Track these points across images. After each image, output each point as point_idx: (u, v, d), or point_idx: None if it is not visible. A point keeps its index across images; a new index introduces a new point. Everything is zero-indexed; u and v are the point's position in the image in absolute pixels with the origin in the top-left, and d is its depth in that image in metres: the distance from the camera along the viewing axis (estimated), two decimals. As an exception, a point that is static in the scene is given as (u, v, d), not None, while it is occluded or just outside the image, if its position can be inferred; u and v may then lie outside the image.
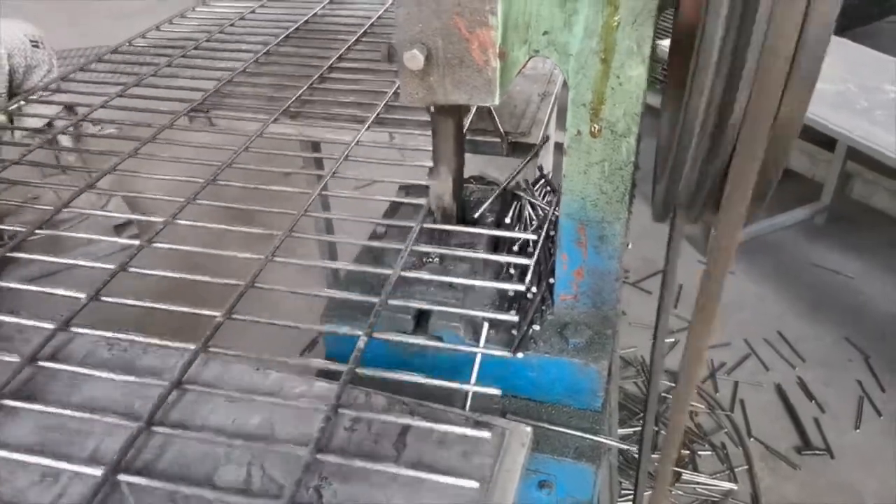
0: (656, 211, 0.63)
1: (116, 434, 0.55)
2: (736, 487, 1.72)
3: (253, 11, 1.42)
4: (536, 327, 0.72)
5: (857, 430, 1.86)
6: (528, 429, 0.56)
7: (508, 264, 0.75)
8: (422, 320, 0.73)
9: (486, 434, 0.55)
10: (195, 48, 1.24)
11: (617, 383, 1.01)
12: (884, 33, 3.77)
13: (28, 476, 0.53)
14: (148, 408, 0.57)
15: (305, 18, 1.34)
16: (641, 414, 1.87)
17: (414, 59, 0.54)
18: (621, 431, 1.83)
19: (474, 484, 0.51)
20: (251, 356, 0.64)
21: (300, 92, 1.04)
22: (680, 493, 1.71)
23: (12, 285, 0.71)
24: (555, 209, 0.78)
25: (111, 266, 0.70)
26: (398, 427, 0.57)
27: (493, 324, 0.70)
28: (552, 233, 0.75)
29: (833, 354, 2.07)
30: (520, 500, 0.68)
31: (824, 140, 2.19)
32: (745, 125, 0.48)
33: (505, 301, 0.73)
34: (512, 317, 0.63)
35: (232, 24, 1.35)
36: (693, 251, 2.48)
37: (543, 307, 0.73)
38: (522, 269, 0.73)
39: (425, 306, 0.69)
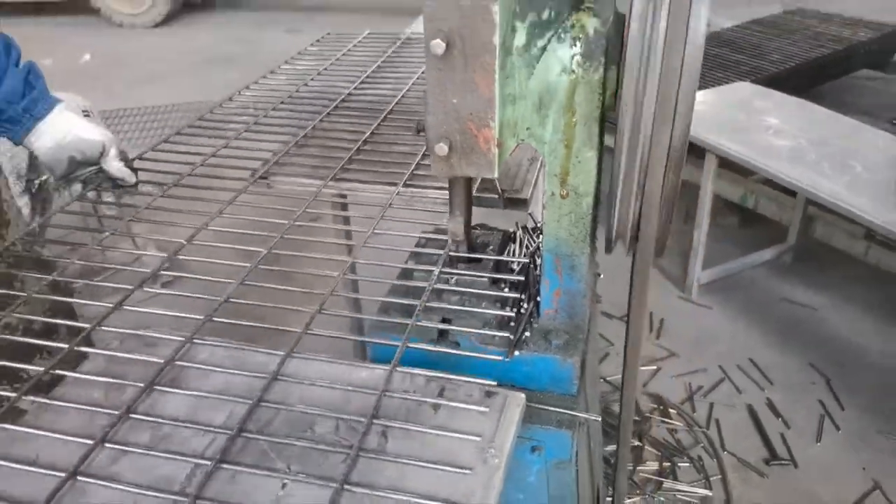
0: (606, 245, 0.91)
1: (238, 408, 0.81)
2: (711, 494, 1.95)
3: (297, 90, 1.72)
4: (527, 334, 0.98)
5: (819, 444, 2.10)
6: (522, 395, 0.83)
7: (507, 285, 1.02)
8: (443, 332, 0.99)
9: (493, 398, 0.82)
10: (255, 122, 1.54)
11: (595, 376, 1.25)
12: (849, 89, 4.11)
13: (189, 433, 0.78)
14: (258, 391, 0.83)
15: (342, 97, 1.64)
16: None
17: (441, 149, 0.82)
18: (608, 448, 2.07)
19: (486, 430, 0.77)
20: (323, 357, 0.90)
21: (343, 162, 1.33)
22: (662, 499, 1.94)
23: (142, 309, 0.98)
24: (538, 246, 1.06)
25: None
26: (435, 391, 0.83)
27: (496, 330, 0.97)
28: (538, 262, 1.02)
29: (798, 378, 2.32)
30: (518, 461, 0.94)
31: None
32: (645, 191, 0.75)
33: (503, 316, 0.99)
34: (507, 332, 0.90)
35: (282, 102, 1.65)
36: (674, 287, 2.76)
37: (532, 319, 1.00)
38: (517, 289, 1.00)
39: (448, 306, 0.96)
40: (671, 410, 2.20)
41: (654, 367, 2.37)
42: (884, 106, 3.74)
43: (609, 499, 1.30)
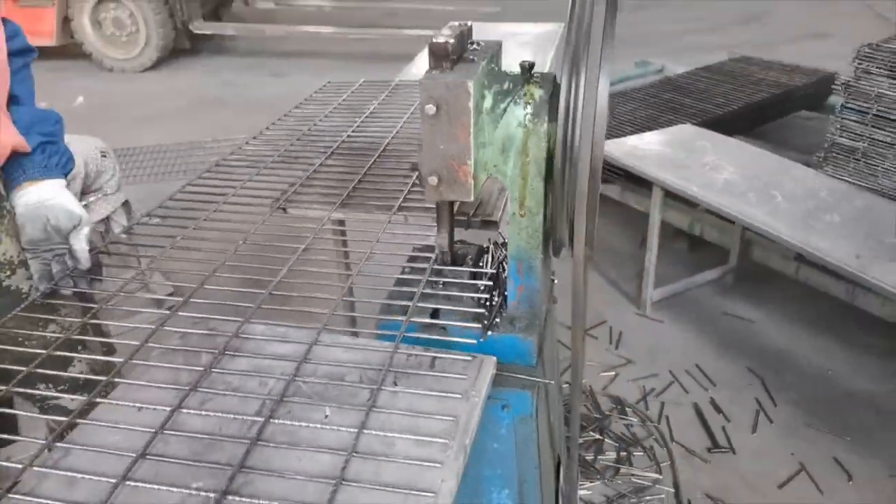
0: (554, 250, 1.23)
1: (289, 367, 1.11)
2: (661, 477, 2.25)
3: (304, 134, 2.04)
4: (497, 320, 1.29)
5: (754, 434, 2.42)
6: (494, 358, 1.14)
7: (481, 285, 1.33)
8: (433, 322, 1.30)
9: (471, 359, 1.13)
10: (272, 161, 1.86)
11: (553, 358, 1.54)
12: (789, 127, 4.54)
13: (252, 381, 1.08)
14: (301, 353, 1.13)
15: (342, 139, 1.96)
16: (589, 427, 2.42)
17: (433, 180, 1.14)
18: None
19: (465, 381, 1.08)
20: (350, 331, 1.20)
21: (345, 195, 1.65)
22: (619, 482, 2.25)
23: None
24: (505, 256, 1.38)
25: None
26: (429, 359, 1.14)
27: (473, 319, 1.28)
28: (504, 267, 1.34)
29: (738, 380, 2.66)
30: (491, 416, 1.25)
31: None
32: (575, 205, 1.08)
33: (479, 308, 1.30)
34: (482, 320, 1.21)
35: (291, 144, 1.96)
36: (630, 305, 3.10)
37: (501, 310, 1.31)
38: (489, 288, 1.32)
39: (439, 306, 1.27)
40: (628, 409, 2.51)
41: (613, 373, 2.69)
42: (817, 143, 4.16)
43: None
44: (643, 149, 2.93)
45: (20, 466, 0.93)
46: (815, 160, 2.91)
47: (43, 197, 1.30)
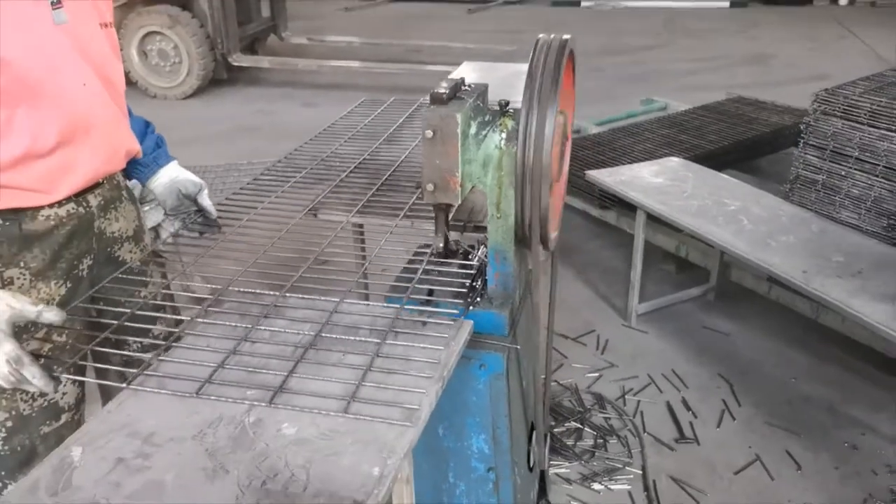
0: (519, 242, 1.59)
1: (315, 327, 1.48)
2: (631, 461, 2.57)
3: (328, 154, 2.43)
4: (479, 300, 1.65)
5: (718, 429, 2.72)
6: (471, 322, 1.50)
7: (467, 274, 1.69)
8: (429, 299, 1.66)
9: (453, 322, 1.49)
10: (301, 176, 2.25)
11: (529, 332, 1.89)
12: (780, 161, 4.85)
13: (288, 332, 1.45)
14: (326, 315, 1.50)
15: (361, 159, 2.36)
16: (571, 418, 2.75)
17: (430, 187, 1.52)
18: (556, 429, 2.70)
19: (447, 336, 1.44)
20: (364, 302, 1.57)
21: (361, 203, 2.03)
22: (594, 464, 2.56)
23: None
24: (486, 248, 1.74)
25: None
26: (421, 323, 1.50)
27: (459, 298, 1.63)
28: (486, 259, 1.70)
29: (708, 383, 2.96)
30: (471, 374, 1.60)
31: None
32: (531, 209, 1.44)
33: (465, 289, 1.66)
34: (465, 298, 1.57)
35: (315, 165, 2.36)
36: (618, 316, 3.43)
37: (482, 290, 1.67)
38: (474, 276, 1.68)
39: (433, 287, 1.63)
40: (607, 404, 2.84)
41: (598, 374, 3.02)
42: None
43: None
44: (632, 177, 3.29)
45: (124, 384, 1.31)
46: (783, 190, 3.25)
47: (172, 176, 1.76)
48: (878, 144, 2.83)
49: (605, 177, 3.31)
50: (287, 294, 1.58)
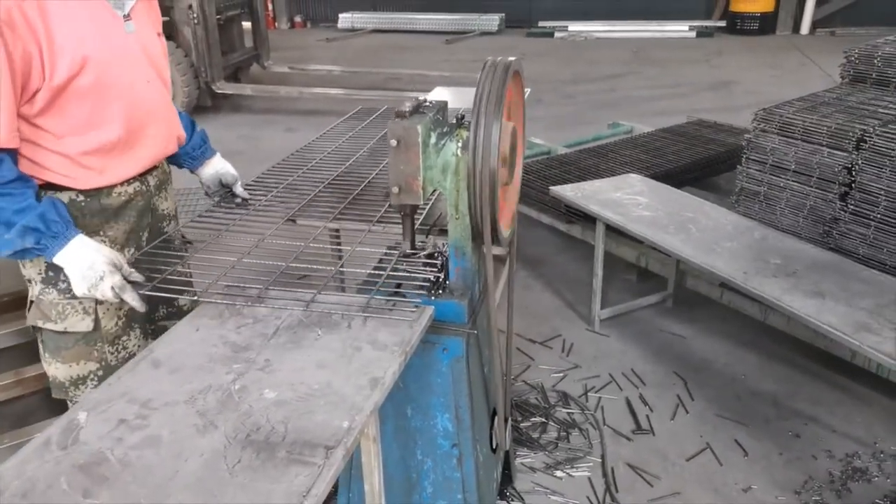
0: (474, 239, 1.80)
1: (297, 312, 1.68)
2: (591, 450, 2.77)
3: (305, 170, 2.65)
4: (441, 291, 1.86)
5: (672, 421, 2.93)
6: (432, 308, 1.70)
7: (431, 269, 1.90)
8: (398, 291, 1.87)
9: (416, 308, 1.69)
10: (282, 188, 2.45)
11: (489, 320, 2.10)
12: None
13: (270, 317, 1.65)
14: (306, 301, 1.70)
15: (336, 174, 2.57)
16: (536, 413, 2.94)
17: (395, 189, 1.73)
18: (523, 424, 2.90)
19: (411, 319, 1.65)
20: (339, 294, 1.77)
21: (337, 211, 2.24)
22: (558, 453, 2.76)
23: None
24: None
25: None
26: (388, 309, 1.70)
27: (425, 289, 1.84)
28: (447, 255, 1.91)
29: (664, 381, 3.18)
30: (434, 357, 1.81)
31: (656, 247, 3.41)
32: (482, 210, 1.66)
33: (429, 282, 1.87)
34: (429, 289, 1.78)
35: (294, 178, 2.57)
36: (582, 321, 3.65)
37: (445, 283, 1.88)
38: (437, 271, 1.89)
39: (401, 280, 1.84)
40: (571, 401, 3.04)
41: (562, 374, 3.22)
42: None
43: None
44: (593, 192, 3.54)
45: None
46: (730, 202, 3.51)
47: (216, 167, 2.15)
48: (811, 158, 3.09)
49: (567, 192, 3.55)
50: (270, 288, 1.78)
